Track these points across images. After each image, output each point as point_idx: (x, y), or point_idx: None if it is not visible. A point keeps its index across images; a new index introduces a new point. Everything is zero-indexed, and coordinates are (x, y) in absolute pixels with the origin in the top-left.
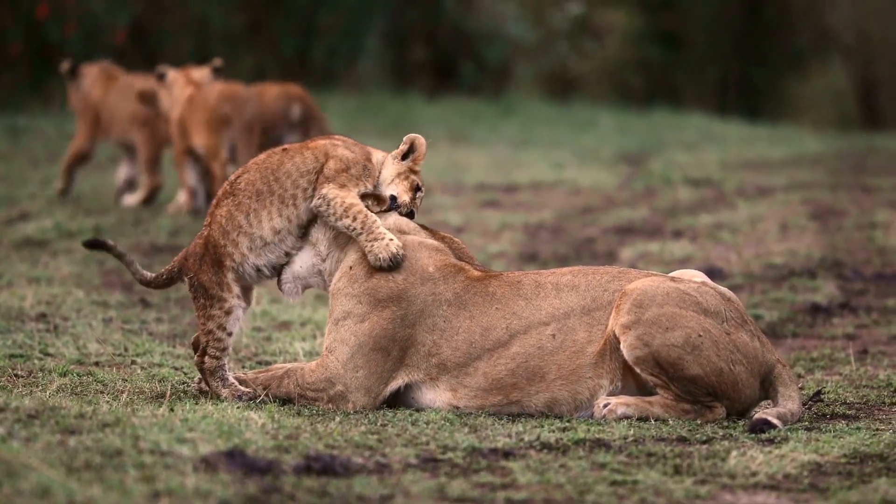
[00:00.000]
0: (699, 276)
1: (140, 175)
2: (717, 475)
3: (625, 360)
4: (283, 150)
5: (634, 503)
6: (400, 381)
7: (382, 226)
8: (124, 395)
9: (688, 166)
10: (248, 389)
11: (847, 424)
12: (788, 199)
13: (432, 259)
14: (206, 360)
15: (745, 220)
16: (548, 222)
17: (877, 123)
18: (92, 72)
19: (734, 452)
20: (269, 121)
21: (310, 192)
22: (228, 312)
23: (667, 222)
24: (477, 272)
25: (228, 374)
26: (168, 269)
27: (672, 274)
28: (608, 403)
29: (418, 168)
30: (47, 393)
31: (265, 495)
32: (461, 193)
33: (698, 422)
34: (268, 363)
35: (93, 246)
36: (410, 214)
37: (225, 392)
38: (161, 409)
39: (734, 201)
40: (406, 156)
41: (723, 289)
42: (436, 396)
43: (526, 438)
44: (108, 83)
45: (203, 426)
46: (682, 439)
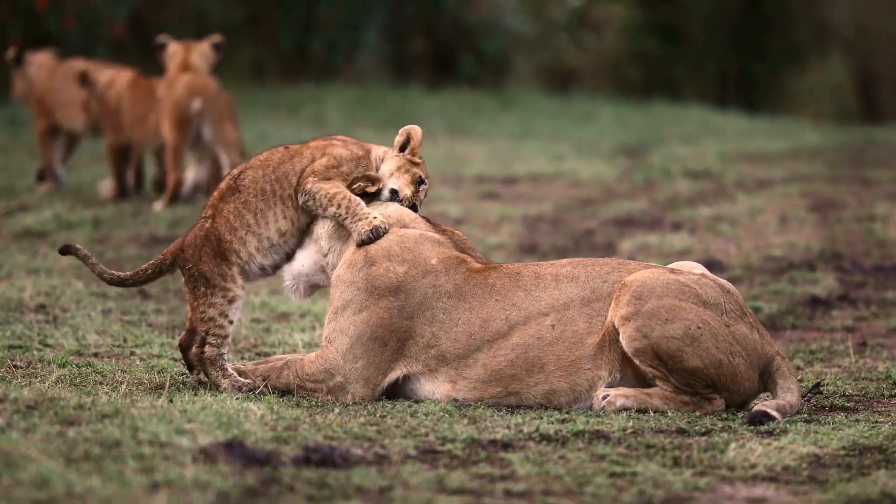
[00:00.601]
0: (698, 268)
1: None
2: (716, 467)
3: (624, 351)
4: (286, 148)
5: (633, 495)
6: (398, 372)
7: (370, 208)
8: (123, 386)
9: (687, 159)
10: (247, 380)
11: (846, 417)
12: (788, 191)
13: (435, 251)
14: (207, 348)
15: (745, 213)
16: (547, 214)
17: (876, 117)
18: (37, 59)
19: (733, 444)
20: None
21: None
22: (232, 301)
23: (666, 215)
24: (478, 264)
25: (228, 364)
26: (156, 262)
27: (671, 266)
28: (607, 395)
29: (419, 160)
30: (46, 384)
31: (264, 486)
32: (461, 185)
33: (697, 414)
34: (267, 354)
35: (66, 252)
36: (413, 207)
37: (224, 383)
38: (160, 400)
39: (733, 194)
40: (404, 147)
41: (722, 281)
42: (434, 388)
43: (525, 430)
44: (52, 70)
45: (202, 417)
46: (681, 431)
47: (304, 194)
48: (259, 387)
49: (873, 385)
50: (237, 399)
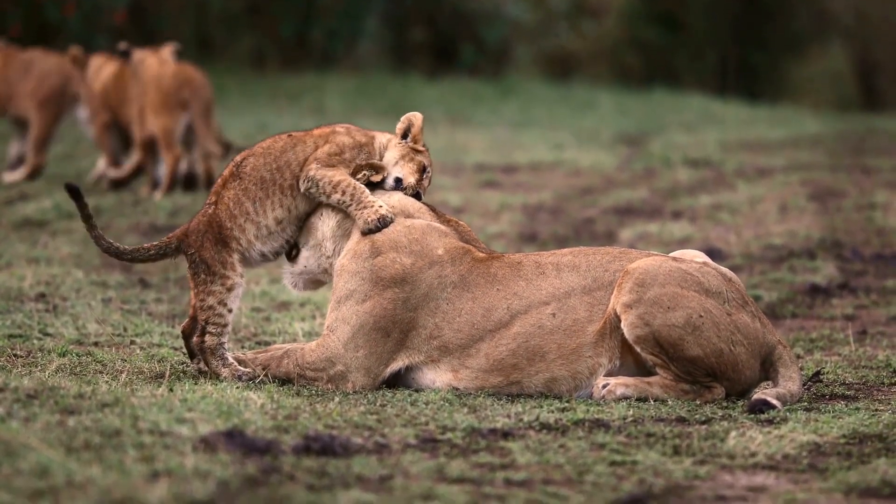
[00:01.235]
0: (700, 257)
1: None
2: (717, 455)
3: (624, 339)
4: (289, 136)
5: (633, 483)
6: (400, 363)
7: (375, 196)
8: (123, 375)
9: (687, 147)
10: (247, 369)
11: (846, 405)
12: (788, 179)
13: (441, 242)
14: (207, 337)
15: (745, 201)
16: (547, 203)
17: (876, 105)
18: None
19: (733, 433)
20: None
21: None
22: (231, 289)
23: (666, 203)
24: (481, 254)
25: (228, 353)
26: (159, 244)
27: (673, 254)
28: (607, 384)
29: (421, 147)
30: (46, 373)
31: (264, 475)
32: (461, 174)
33: (697, 402)
34: (267, 343)
35: (72, 190)
36: (417, 196)
37: (225, 372)
38: (160, 389)
39: (733, 182)
40: (406, 135)
41: (724, 269)
42: (436, 377)
43: (525, 419)
44: (5, 60)
45: (202, 406)
46: (681, 420)
47: (306, 181)
48: (259, 376)
49: (873, 373)
50: (237, 388)
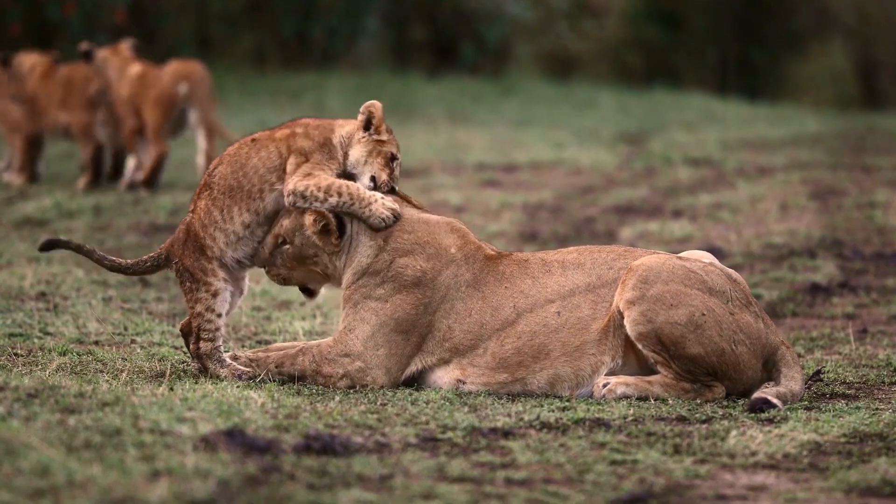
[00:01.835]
0: (707, 257)
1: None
2: (717, 455)
3: (627, 336)
4: (253, 140)
5: (634, 483)
6: (415, 367)
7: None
8: (124, 375)
9: (688, 146)
10: (247, 369)
11: (846, 404)
12: (788, 178)
13: (453, 240)
14: (201, 344)
15: (745, 200)
16: (548, 202)
17: (876, 103)
18: None
19: (734, 432)
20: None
21: (277, 185)
22: (215, 294)
23: (667, 202)
24: (491, 252)
25: (224, 354)
26: (154, 255)
27: (679, 255)
28: (608, 383)
29: (385, 136)
30: (47, 372)
31: (265, 474)
32: (461, 173)
33: (698, 401)
34: (268, 342)
35: (48, 247)
36: (392, 190)
37: (224, 372)
38: (161, 388)
39: (734, 181)
40: (368, 126)
41: (728, 270)
42: (443, 374)
43: (526, 418)
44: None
45: (203, 405)
46: (681, 419)
47: (290, 195)
48: (259, 375)
49: (874, 372)
50: (238, 387)
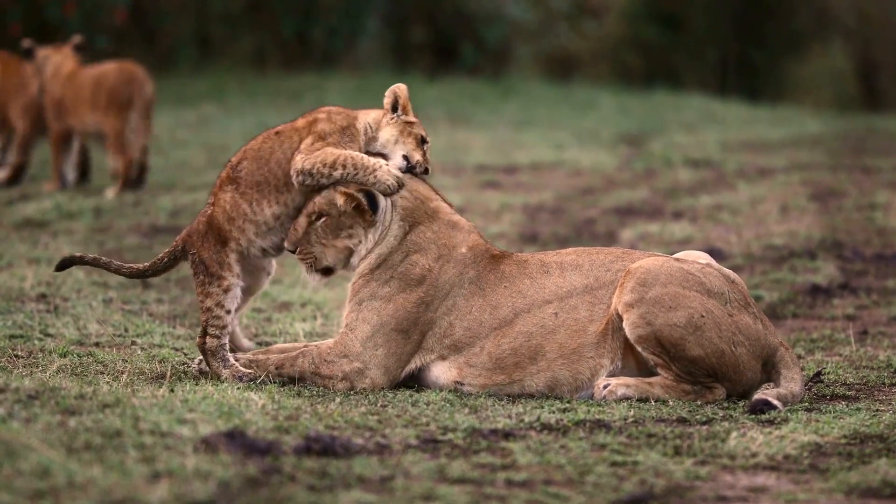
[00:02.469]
0: (704, 258)
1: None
2: (717, 456)
3: (626, 339)
4: (276, 133)
5: (634, 484)
6: (414, 364)
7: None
8: (124, 376)
9: (688, 147)
10: (248, 370)
11: (847, 405)
12: (788, 180)
13: (464, 240)
14: (207, 339)
15: (746, 201)
16: (548, 203)
17: (877, 104)
18: None
19: (734, 433)
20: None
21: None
22: (227, 290)
23: (667, 203)
24: (495, 251)
25: (229, 354)
26: (169, 250)
27: (676, 255)
28: (608, 384)
29: (413, 118)
30: (47, 373)
31: (265, 476)
32: (461, 174)
33: (698, 403)
34: (268, 344)
35: (65, 266)
36: (426, 171)
37: (225, 373)
38: (161, 389)
39: (734, 182)
40: (395, 108)
41: (727, 271)
42: (440, 373)
43: (526, 419)
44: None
45: (203, 407)
46: (682, 420)
47: (298, 175)
48: (260, 377)
49: (874, 374)
50: (238, 389)
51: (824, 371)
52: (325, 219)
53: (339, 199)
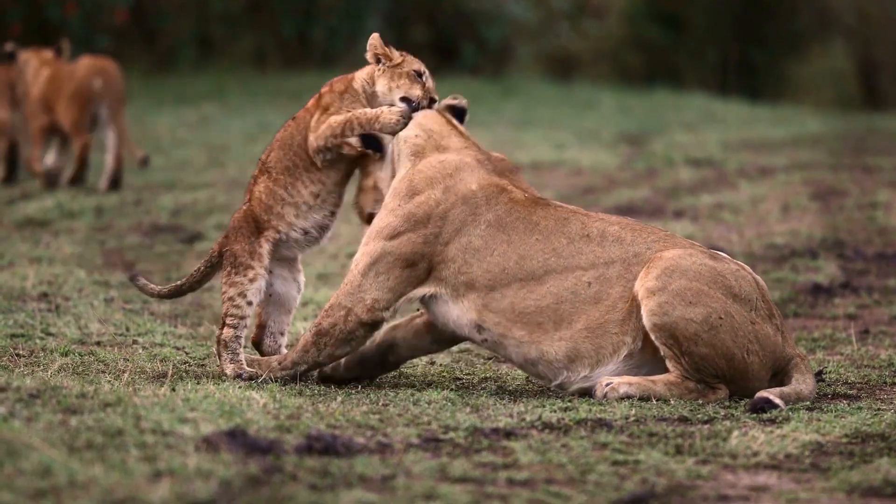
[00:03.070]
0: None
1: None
2: (719, 455)
3: None
4: (293, 119)
5: (636, 483)
6: (426, 290)
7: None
8: (126, 375)
9: (689, 146)
10: (252, 370)
11: (848, 404)
12: (789, 179)
13: (475, 177)
14: (224, 329)
15: (747, 201)
16: None
17: (877, 104)
18: None
19: (735, 432)
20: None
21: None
22: (252, 280)
23: (668, 202)
24: (521, 194)
25: (241, 350)
26: (206, 259)
27: (716, 253)
28: (610, 383)
29: (398, 59)
30: (49, 373)
31: (267, 475)
32: None
33: (700, 402)
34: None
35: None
36: (432, 101)
37: (229, 368)
38: (163, 388)
39: (735, 181)
40: (378, 60)
41: (758, 277)
42: (461, 314)
43: (527, 418)
44: None
45: (204, 406)
46: (683, 419)
47: (316, 154)
48: (262, 376)
49: (875, 373)
50: (240, 388)
51: (825, 370)
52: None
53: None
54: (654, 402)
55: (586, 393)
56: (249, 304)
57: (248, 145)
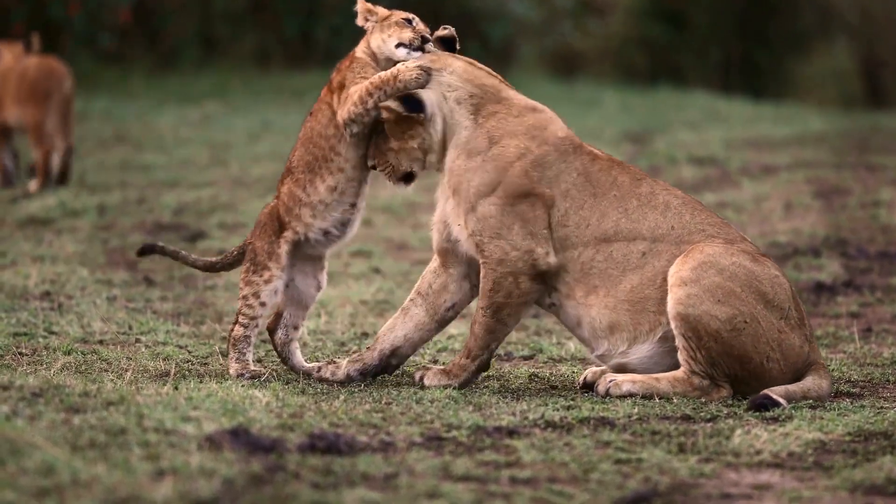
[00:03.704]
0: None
1: None
2: (722, 453)
3: None
4: (310, 113)
5: (639, 481)
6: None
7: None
8: (128, 374)
9: (692, 145)
10: (255, 369)
11: (851, 403)
12: (792, 177)
13: (554, 124)
14: (236, 327)
15: (750, 199)
16: None
17: (880, 102)
18: None
19: (738, 431)
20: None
21: (339, 133)
22: (268, 282)
23: None
24: (593, 149)
25: (249, 351)
26: (241, 245)
27: (761, 256)
28: (613, 379)
29: (383, 13)
30: (52, 371)
31: (269, 474)
32: None
33: (703, 400)
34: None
35: (145, 252)
36: (424, 39)
37: (234, 368)
38: (165, 387)
39: (738, 180)
40: (367, 20)
41: (791, 286)
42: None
43: (530, 417)
44: None
45: (207, 404)
46: (686, 417)
47: (346, 128)
48: (264, 375)
49: (878, 371)
50: (242, 386)
51: (829, 368)
52: (386, 126)
53: (383, 115)
54: (657, 400)
55: (589, 388)
56: (262, 305)
57: (250, 144)
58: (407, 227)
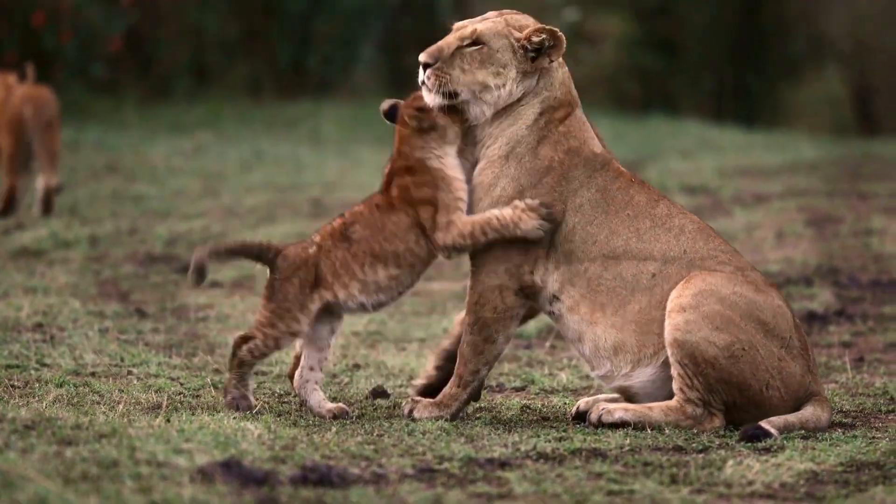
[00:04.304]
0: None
1: None
2: (714, 484)
3: None
4: (377, 206)
5: None
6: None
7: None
8: (121, 406)
9: (684, 174)
10: (248, 401)
11: (843, 433)
12: (785, 206)
13: (595, 143)
14: (243, 350)
15: (742, 228)
16: None
17: (872, 130)
18: None
19: (730, 461)
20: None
21: (422, 240)
22: (293, 334)
23: None
24: (620, 167)
25: (250, 377)
26: (263, 244)
27: (764, 287)
28: (606, 407)
29: (436, 123)
30: (44, 404)
31: None
32: None
33: (695, 431)
34: (265, 373)
35: (201, 274)
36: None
37: (229, 395)
38: (157, 419)
39: (731, 208)
40: (426, 128)
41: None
42: (549, 283)
43: (522, 448)
44: None
45: (199, 437)
46: (678, 448)
47: (444, 251)
48: (256, 407)
49: (871, 401)
50: (234, 418)
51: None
52: (481, 47)
53: (534, 37)
54: (649, 431)
55: (582, 418)
56: (277, 349)
57: (243, 174)
58: None
